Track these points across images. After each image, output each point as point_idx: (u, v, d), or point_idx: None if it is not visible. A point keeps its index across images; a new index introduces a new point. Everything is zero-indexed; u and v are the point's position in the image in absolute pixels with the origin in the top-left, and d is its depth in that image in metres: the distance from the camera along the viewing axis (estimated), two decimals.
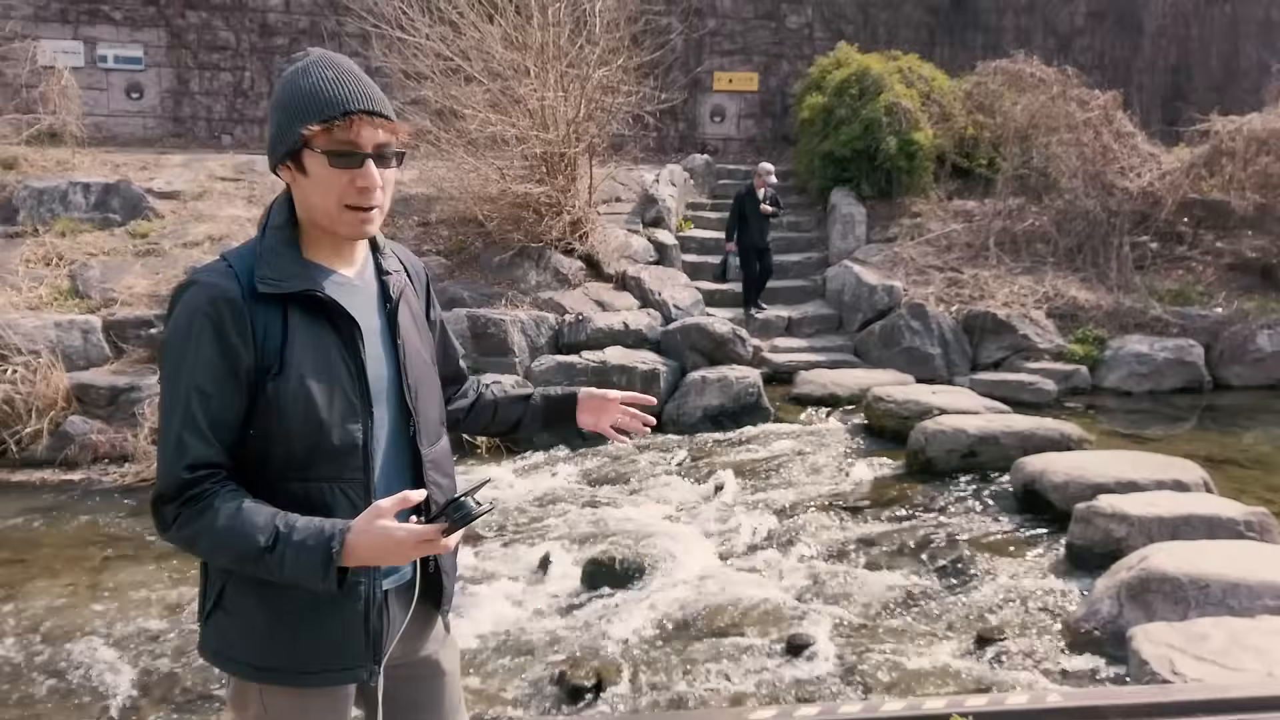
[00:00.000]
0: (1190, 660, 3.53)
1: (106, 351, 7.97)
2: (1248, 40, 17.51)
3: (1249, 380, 9.92)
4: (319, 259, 1.65)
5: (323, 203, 1.59)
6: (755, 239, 10.44)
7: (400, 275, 1.77)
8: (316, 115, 1.54)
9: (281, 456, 1.57)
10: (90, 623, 4.70)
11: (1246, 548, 4.60)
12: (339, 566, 1.47)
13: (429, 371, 1.79)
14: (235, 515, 1.50)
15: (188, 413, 1.52)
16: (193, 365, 1.53)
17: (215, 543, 1.51)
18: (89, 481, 6.82)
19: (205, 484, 1.52)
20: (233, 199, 10.70)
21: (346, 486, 1.60)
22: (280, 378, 1.56)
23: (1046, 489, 5.81)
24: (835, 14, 16.44)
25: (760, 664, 4.21)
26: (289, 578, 1.49)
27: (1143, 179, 11.31)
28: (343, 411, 1.60)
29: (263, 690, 1.66)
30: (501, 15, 9.82)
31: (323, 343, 1.60)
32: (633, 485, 6.80)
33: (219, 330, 1.53)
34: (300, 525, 1.49)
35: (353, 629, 1.64)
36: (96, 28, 14.26)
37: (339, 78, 1.57)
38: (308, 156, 1.57)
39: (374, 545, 1.48)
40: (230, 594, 1.63)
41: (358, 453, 1.61)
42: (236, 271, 1.58)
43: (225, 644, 1.66)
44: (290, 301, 1.59)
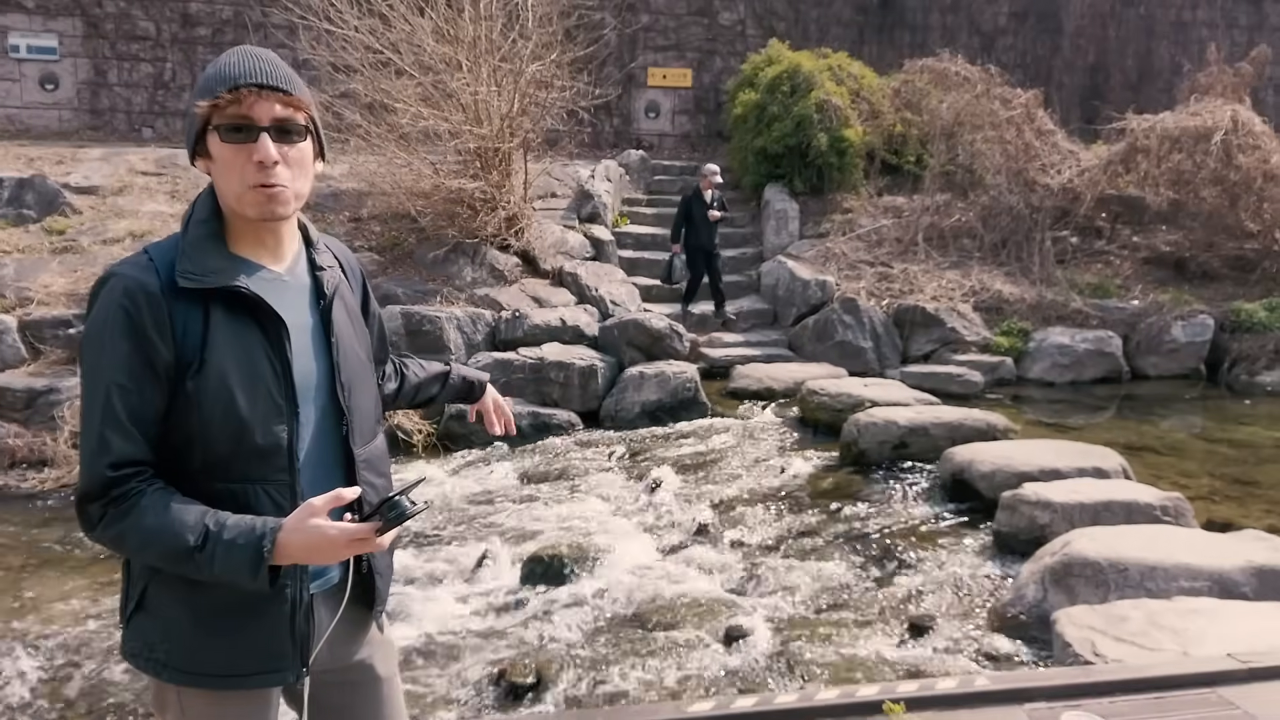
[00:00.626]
0: (1111, 641, 3.66)
1: (23, 353, 7.68)
2: (1161, 41, 18.16)
3: (1164, 370, 10.33)
4: (245, 253, 1.62)
5: (229, 185, 1.57)
6: (703, 241, 10.32)
7: (335, 271, 1.74)
8: (208, 92, 1.54)
9: (202, 456, 1.54)
10: (10, 634, 4.54)
11: (1163, 532, 4.78)
12: (270, 565, 1.46)
13: (364, 369, 1.76)
14: (164, 513, 1.47)
15: (108, 409, 1.49)
16: (111, 361, 1.50)
17: (143, 541, 1.48)
18: (6, 487, 6.57)
19: (131, 482, 1.49)
20: (155, 194, 10.39)
21: (271, 488, 1.58)
22: (200, 375, 1.53)
23: (974, 478, 5.97)
24: (767, 11, 16.60)
25: (699, 656, 4.26)
26: (219, 576, 1.47)
27: (1063, 176, 11.67)
28: (266, 411, 1.57)
29: (181, 693, 1.62)
30: (432, 8, 9.70)
31: (246, 340, 1.57)
32: (571, 482, 6.79)
33: (136, 325, 1.50)
34: (231, 523, 1.47)
35: (278, 631, 1.61)
36: (8, 16, 13.70)
37: (240, 59, 1.56)
38: (209, 138, 1.56)
39: (306, 544, 1.47)
40: (152, 594, 1.60)
41: (282, 453, 1.58)
42: (157, 265, 1.55)
43: (145, 645, 1.62)
44: (212, 297, 1.55)
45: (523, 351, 8.56)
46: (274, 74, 1.55)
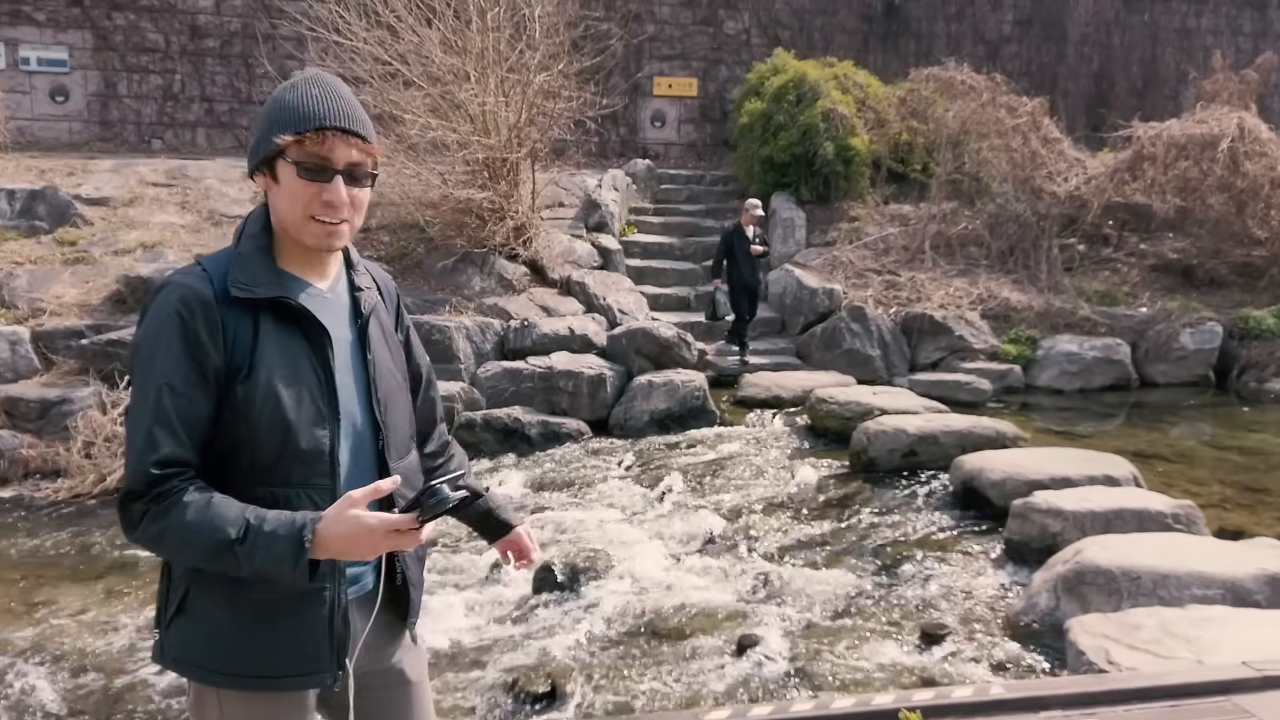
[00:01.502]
0: (1124, 650, 3.66)
1: (35, 363, 7.72)
2: (1166, 48, 18.18)
3: (1173, 377, 10.32)
4: (292, 269, 1.68)
5: (290, 212, 1.63)
6: (746, 277, 9.99)
7: (372, 292, 1.80)
8: (292, 126, 1.59)
9: (249, 460, 1.59)
10: (24, 643, 4.56)
11: (1175, 539, 4.78)
12: (310, 559, 1.48)
13: (399, 388, 1.81)
14: (205, 509, 1.50)
15: (159, 409, 1.53)
16: (163, 363, 1.54)
17: (184, 537, 1.50)
18: (20, 498, 6.61)
19: (173, 480, 1.52)
20: (165, 205, 10.46)
21: (312, 492, 1.61)
22: (249, 381, 1.58)
23: (984, 486, 5.97)
24: (772, 20, 16.65)
25: (712, 665, 4.26)
26: (259, 569, 1.49)
27: (1069, 183, 11.68)
28: (310, 417, 1.62)
29: (221, 695, 1.66)
30: (440, 19, 9.76)
31: (292, 349, 1.63)
32: (580, 491, 6.81)
33: (190, 330, 1.55)
34: (271, 517, 1.51)
35: (316, 634, 1.65)
36: (18, 29, 13.80)
37: (323, 94, 1.62)
38: (280, 166, 1.62)
39: (346, 535, 1.49)
40: (194, 598, 1.63)
41: (324, 458, 1.63)
42: (211, 275, 1.61)
43: (186, 649, 1.65)
44: (262, 308, 1.61)
45: (531, 360, 8.59)
46: (355, 118, 1.63)
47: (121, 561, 5.57)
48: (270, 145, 1.60)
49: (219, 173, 11.40)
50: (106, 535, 5.92)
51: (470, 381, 8.43)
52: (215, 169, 11.56)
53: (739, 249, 9.94)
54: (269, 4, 14.24)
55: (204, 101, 14.61)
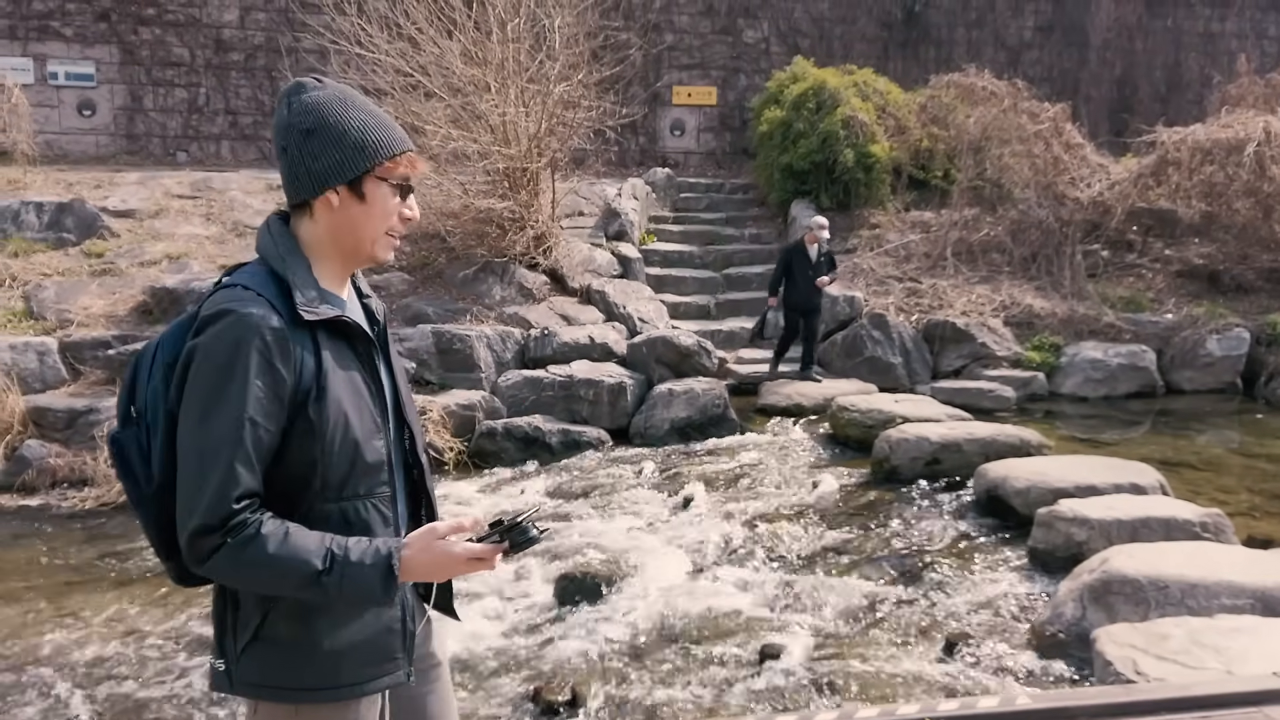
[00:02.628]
0: (1152, 660, 3.62)
1: (63, 374, 7.83)
2: (1189, 52, 18.03)
3: (1200, 384, 10.19)
4: (326, 286, 1.72)
5: (372, 230, 1.69)
6: (801, 299, 9.38)
7: (377, 300, 1.87)
8: (391, 149, 1.67)
9: (321, 479, 1.62)
10: (52, 650, 4.61)
11: (1203, 548, 4.72)
12: None
13: (410, 390, 1.89)
14: (285, 542, 1.53)
15: (240, 444, 1.53)
16: (243, 396, 1.53)
17: (265, 571, 1.53)
18: (48, 506, 6.69)
19: (246, 513, 1.53)
20: (190, 217, 10.58)
21: (377, 501, 1.68)
22: (320, 402, 1.61)
23: (1009, 494, 5.92)
24: (791, 29, 16.66)
25: (734, 674, 4.25)
26: (346, 597, 1.56)
27: (1093, 189, 11.59)
28: (369, 429, 1.68)
29: (299, 712, 1.67)
30: (461, 31, 9.83)
31: (347, 365, 1.68)
32: (601, 499, 6.81)
33: (268, 361, 1.56)
34: (353, 546, 1.56)
35: (393, 635, 1.72)
36: (46, 44, 14.03)
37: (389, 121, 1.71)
38: (371, 185, 1.67)
39: (431, 562, 1.58)
40: (272, 623, 1.63)
41: (384, 467, 1.70)
42: (270, 300, 1.60)
43: (266, 674, 1.65)
44: (318, 327, 1.64)
45: (552, 369, 8.61)
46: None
47: (148, 570, 5.61)
48: (363, 166, 1.65)
49: (243, 184, 11.52)
50: (132, 544, 5.97)
51: (491, 390, 8.46)
52: (239, 181, 11.68)
53: (798, 269, 9.34)
54: (292, 17, 14.40)
55: (228, 114, 14.78)
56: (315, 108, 1.65)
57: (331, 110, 1.65)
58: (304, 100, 1.66)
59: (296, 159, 1.64)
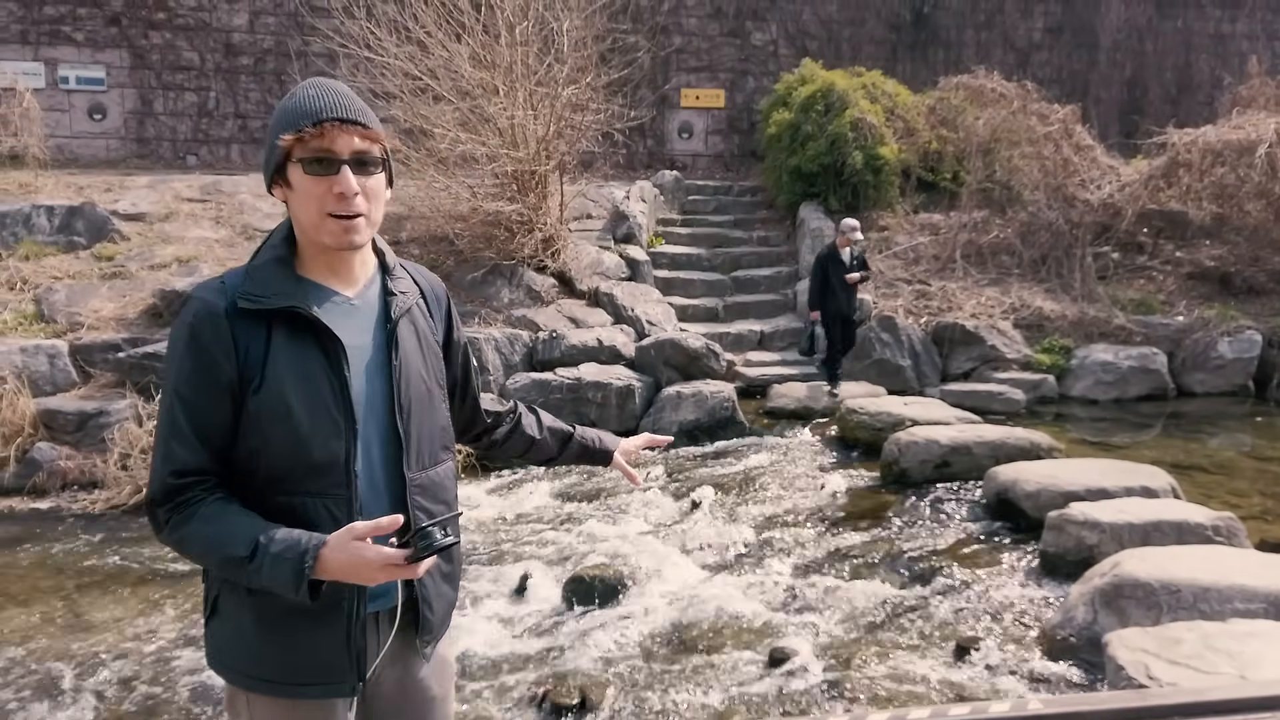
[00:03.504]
0: (1165, 665, 3.59)
1: (74, 376, 7.85)
2: (1200, 54, 17.95)
3: (1211, 387, 10.14)
4: (315, 277, 1.69)
5: (307, 214, 1.64)
6: (841, 306, 8.90)
7: (408, 296, 1.80)
8: (291, 126, 1.61)
9: (264, 471, 1.62)
10: (63, 651, 4.62)
11: (1215, 552, 4.69)
12: (312, 580, 1.52)
13: (429, 394, 1.79)
14: (218, 522, 1.56)
15: (173, 421, 1.60)
16: (177, 375, 1.60)
17: (201, 546, 1.58)
18: (58, 509, 6.71)
19: (193, 490, 1.58)
20: (200, 220, 10.61)
21: (330, 502, 1.64)
22: (259, 393, 1.60)
23: (1019, 498, 5.89)
24: (800, 31, 16.65)
25: (744, 678, 4.23)
26: (266, 586, 1.55)
27: (1103, 191, 11.54)
28: (324, 428, 1.63)
29: (250, 699, 1.69)
30: (469, 34, 9.85)
31: (306, 360, 1.64)
32: (610, 502, 6.80)
33: (200, 343, 1.59)
34: (279, 538, 1.54)
35: (335, 645, 1.67)
36: (57, 49, 14.10)
37: (319, 94, 1.64)
38: (290, 169, 1.63)
39: (345, 563, 1.53)
40: (223, 600, 1.68)
41: (339, 469, 1.64)
42: (227, 288, 1.63)
43: (218, 649, 1.71)
44: (275, 318, 1.62)
45: (560, 372, 8.61)
46: (353, 108, 1.63)
47: (158, 572, 5.63)
48: (276, 151, 1.63)
49: (252, 188, 11.55)
50: (143, 546, 5.99)
51: (499, 393, 8.46)
52: (249, 184, 11.71)
53: (835, 276, 8.84)
54: (301, 21, 14.44)
55: (238, 118, 14.83)
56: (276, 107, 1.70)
57: (277, 106, 1.69)
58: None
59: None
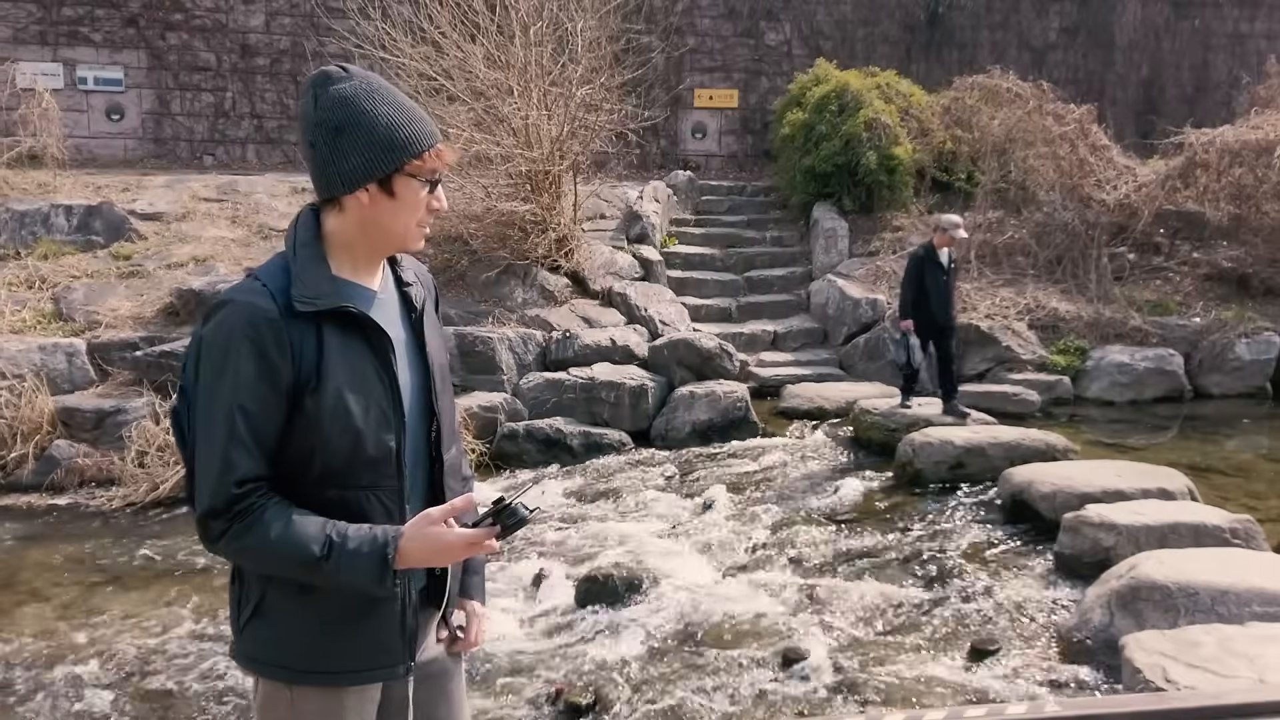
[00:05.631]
0: (1182, 668, 3.57)
1: (91, 375, 7.91)
2: (1217, 53, 17.81)
3: (1228, 389, 10.06)
4: (346, 275, 1.71)
5: (403, 223, 1.69)
6: (935, 314, 7.72)
7: (419, 286, 1.84)
8: (419, 145, 1.65)
9: (320, 468, 1.64)
10: (81, 647, 4.66)
11: (1233, 555, 4.66)
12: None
13: (448, 379, 1.87)
14: (287, 526, 1.57)
15: (233, 430, 1.57)
16: (234, 383, 1.58)
17: (269, 554, 1.59)
18: (76, 506, 6.76)
19: (252, 497, 1.58)
20: (216, 220, 10.67)
21: (382, 494, 1.68)
22: (318, 392, 1.61)
23: (1034, 499, 5.87)
24: (813, 31, 16.61)
25: (757, 678, 4.23)
26: (344, 583, 1.58)
27: (1119, 191, 11.47)
28: (378, 423, 1.67)
29: (294, 694, 1.70)
30: (484, 35, 9.87)
31: (357, 357, 1.67)
32: (623, 501, 6.80)
33: (259, 348, 1.58)
34: (352, 533, 1.58)
35: (390, 628, 1.71)
36: (76, 49, 14.20)
37: (420, 115, 1.69)
38: (400, 182, 1.66)
39: (426, 549, 1.59)
40: (270, 600, 1.68)
41: (391, 461, 1.69)
42: (271, 290, 1.63)
43: (262, 649, 1.71)
44: (324, 318, 1.64)
45: (573, 371, 8.61)
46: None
47: (174, 568, 5.67)
48: (393, 165, 1.63)
49: (268, 187, 11.62)
50: (159, 543, 6.04)
51: (513, 392, 8.48)
52: (264, 184, 11.78)
53: (930, 280, 7.66)
54: (317, 22, 14.50)
55: (254, 118, 14.90)
56: (343, 103, 1.62)
57: (359, 106, 1.62)
58: (331, 94, 1.63)
59: (326, 157, 1.63)
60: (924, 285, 7.67)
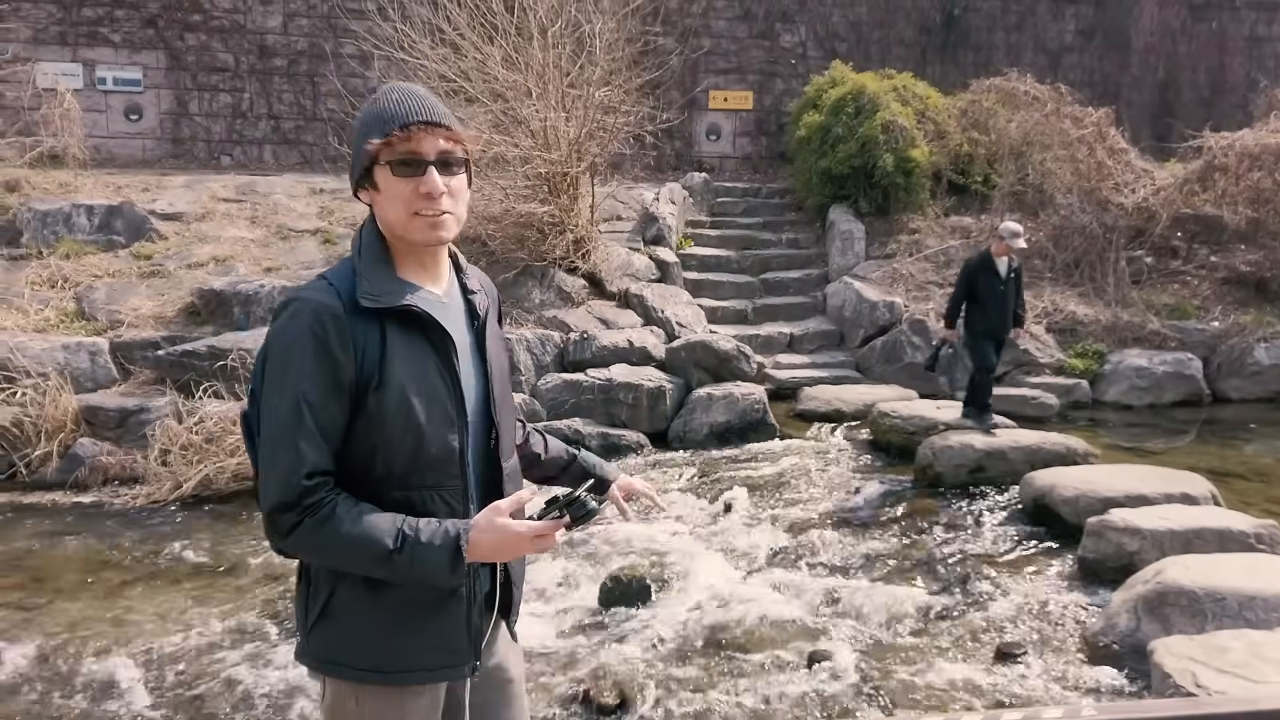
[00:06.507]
0: (1212, 673, 3.57)
1: (114, 373, 7.97)
2: (1234, 56, 17.74)
3: (1247, 393, 10.03)
4: (409, 276, 1.74)
5: (395, 215, 1.68)
6: (994, 324, 7.47)
7: (483, 294, 1.86)
8: (378, 130, 1.65)
9: (383, 467, 1.66)
10: (110, 646, 4.70)
11: (1260, 560, 4.65)
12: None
13: (509, 389, 1.89)
14: (358, 521, 1.59)
15: (301, 423, 1.60)
16: (301, 377, 1.60)
17: (341, 548, 1.59)
18: (100, 504, 6.81)
19: (321, 491, 1.60)
20: (235, 220, 10.73)
21: (446, 494, 1.70)
22: (381, 390, 1.63)
23: (1057, 503, 5.86)
24: (828, 33, 16.60)
25: (783, 680, 4.24)
26: (415, 576, 1.59)
27: (1137, 194, 11.44)
28: (441, 422, 1.68)
29: (360, 693, 1.72)
30: (502, 36, 9.90)
31: (420, 356, 1.68)
32: (643, 503, 6.80)
33: (324, 344, 1.61)
34: (424, 527, 1.60)
35: (457, 628, 1.73)
36: (95, 50, 14.29)
37: (403, 99, 1.68)
38: (378, 172, 1.68)
39: (495, 541, 1.60)
40: (339, 600, 1.70)
41: (454, 461, 1.70)
42: (338, 289, 1.66)
43: (331, 649, 1.72)
44: (388, 317, 1.66)
45: (591, 372, 8.63)
46: (437, 111, 1.68)
47: (200, 567, 5.71)
48: (364, 155, 1.67)
49: (286, 188, 11.68)
50: (184, 541, 6.08)
51: (530, 393, 8.51)
52: (283, 185, 11.85)
53: (984, 289, 7.44)
54: (335, 24, 14.58)
55: (271, 119, 14.97)
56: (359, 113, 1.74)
57: (361, 112, 1.73)
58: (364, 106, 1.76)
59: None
60: (977, 294, 7.46)
